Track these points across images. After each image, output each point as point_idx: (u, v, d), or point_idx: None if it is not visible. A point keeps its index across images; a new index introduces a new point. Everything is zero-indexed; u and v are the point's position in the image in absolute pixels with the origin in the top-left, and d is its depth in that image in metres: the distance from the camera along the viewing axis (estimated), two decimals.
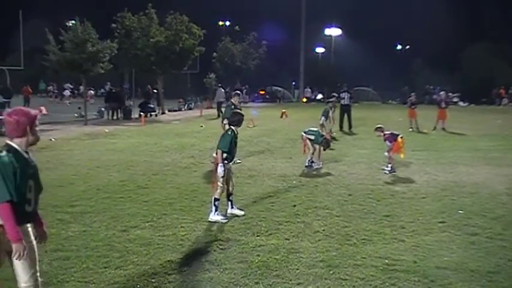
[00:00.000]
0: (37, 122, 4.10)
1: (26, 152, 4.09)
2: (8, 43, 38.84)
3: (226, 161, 7.77)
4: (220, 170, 7.63)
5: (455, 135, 20.11)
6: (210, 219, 7.56)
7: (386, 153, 11.88)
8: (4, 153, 3.90)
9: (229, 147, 7.78)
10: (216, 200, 7.65)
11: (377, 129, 12.06)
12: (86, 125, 23.54)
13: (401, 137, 11.75)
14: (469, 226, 7.33)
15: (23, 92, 35.42)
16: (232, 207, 7.95)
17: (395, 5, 53.37)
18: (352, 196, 9.27)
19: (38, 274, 4.11)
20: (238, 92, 14.01)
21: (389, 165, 11.63)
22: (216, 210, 7.62)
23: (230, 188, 7.99)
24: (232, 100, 13.25)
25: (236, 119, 8.11)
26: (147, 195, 9.19)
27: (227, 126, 8.49)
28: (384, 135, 11.78)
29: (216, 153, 7.79)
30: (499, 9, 50.43)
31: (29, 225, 4.12)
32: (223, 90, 33.91)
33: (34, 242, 4.13)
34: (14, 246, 3.82)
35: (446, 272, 5.61)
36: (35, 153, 14.40)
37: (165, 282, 5.29)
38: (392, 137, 11.68)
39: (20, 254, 3.84)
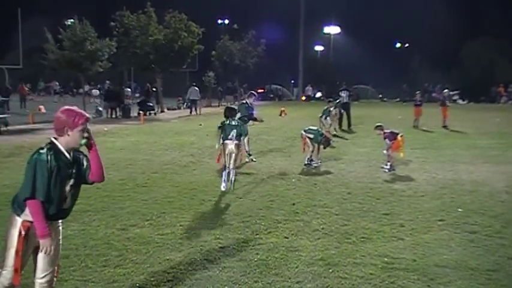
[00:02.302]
0: (81, 127, 3.91)
1: (69, 152, 3.95)
2: (6, 42, 38.77)
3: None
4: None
5: (454, 133, 20.12)
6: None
7: (385, 152, 11.88)
8: (44, 150, 3.82)
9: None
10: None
11: (377, 127, 12.06)
12: None
13: (401, 136, 11.75)
14: (468, 224, 7.34)
15: (18, 91, 35.42)
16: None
17: (395, 2, 53.32)
18: (351, 194, 9.27)
19: (56, 274, 4.15)
20: (253, 92, 14.46)
21: (389, 164, 11.62)
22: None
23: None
24: (247, 100, 13.82)
25: (232, 113, 10.09)
26: (146, 194, 9.19)
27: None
28: (384, 133, 11.78)
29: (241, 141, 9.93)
30: (498, 9, 50.38)
31: (60, 222, 4.15)
32: (197, 89, 34.32)
33: (61, 241, 4.18)
34: (41, 241, 3.83)
35: (445, 270, 5.60)
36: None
37: (164, 280, 5.28)
38: (392, 136, 11.68)
39: (47, 249, 3.86)
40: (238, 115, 11.53)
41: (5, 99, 27.71)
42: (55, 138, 3.94)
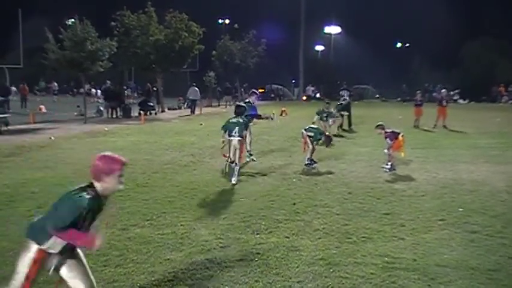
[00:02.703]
0: (118, 173, 3.96)
1: (105, 196, 4.03)
2: (7, 42, 38.76)
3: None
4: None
5: (454, 133, 20.11)
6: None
7: (386, 151, 11.87)
8: (88, 196, 3.81)
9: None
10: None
11: (378, 126, 12.04)
12: (85, 124, 23.53)
13: (402, 136, 11.73)
14: (469, 224, 7.33)
15: (20, 90, 35.43)
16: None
17: (395, 2, 53.31)
18: (352, 194, 9.27)
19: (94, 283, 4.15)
20: (254, 91, 14.59)
21: (389, 163, 11.61)
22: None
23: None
24: (249, 99, 13.95)
25: (239, 111, 10.99)
26: (146, 194, 9.19)
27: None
28: (385, 133, 11.76)
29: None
30: (499, 9, 50.36)
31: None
32: (196, 89, 34.60)
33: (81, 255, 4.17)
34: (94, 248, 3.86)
35: (446, 270, 5.60)
36: (35, 152, 14.31)
37: (165, 280, 5.28)
38: (393, 135, 11.66)
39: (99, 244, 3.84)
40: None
41: (4, 99, 27.66)
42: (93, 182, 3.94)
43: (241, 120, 10.61)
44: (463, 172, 11.50)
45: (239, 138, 10.36)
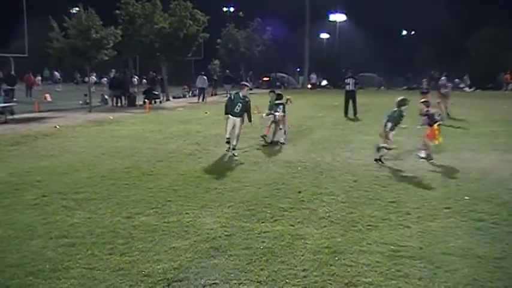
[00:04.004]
0: None
1: None
2: (12, 31, 38.70)
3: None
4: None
5: (460, 121, 19.98)
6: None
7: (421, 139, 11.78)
8: None
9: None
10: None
11: (423, 102, 11.93)
12: (90, 112, 23.54)
13: (438, 125, 11.49)
14: (475, 212, 7.29)
15: (25, 80, 35.40)
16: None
17: None
18: (357, 182, 9.24)
19: None
20: (245, 83, 13.99)
21: (425, 152, 11.39)
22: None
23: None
24: (240, 92, 12.81)
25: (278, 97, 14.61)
26: (151, 182, 9.19)
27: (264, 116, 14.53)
28: (427, 111, 11.60)
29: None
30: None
31: None
32: (205, 77, 35.02)
33: None
34: None
35: (452, 258, 5.58)
36: (41, 141, 14.27)
37: (170, 268, 5.28)
38: (431, 120, 11.48)
39: None
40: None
41: (10, 88, 27.68)
42: None
43: (277, 103, 14.21)
44: (470, 160, 11.44)
45: (277, 114, 13.95)
